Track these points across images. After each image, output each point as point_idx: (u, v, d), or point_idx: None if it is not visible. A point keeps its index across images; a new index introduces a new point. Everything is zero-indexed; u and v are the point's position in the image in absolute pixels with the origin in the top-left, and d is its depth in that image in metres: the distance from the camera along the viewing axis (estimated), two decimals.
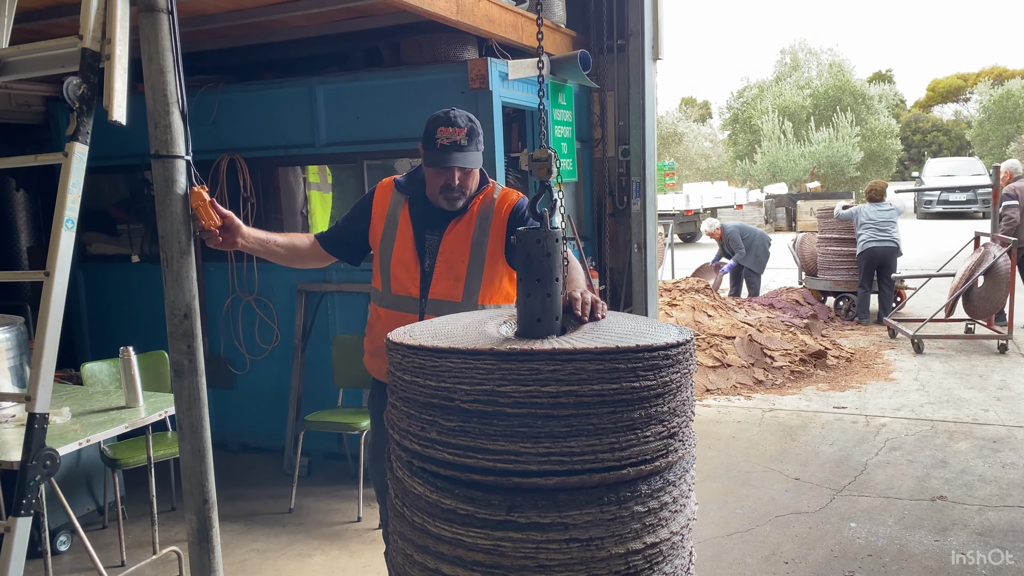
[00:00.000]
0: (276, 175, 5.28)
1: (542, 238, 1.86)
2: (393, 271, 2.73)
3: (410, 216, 2.73)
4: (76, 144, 2.20)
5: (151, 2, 2.23)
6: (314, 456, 5.07)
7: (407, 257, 2.71)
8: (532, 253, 1.86)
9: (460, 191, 2.66)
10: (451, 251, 2.68)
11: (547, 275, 1.86)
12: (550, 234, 1.86)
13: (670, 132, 36.19)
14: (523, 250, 1.87)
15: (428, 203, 2.75)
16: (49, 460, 2.16)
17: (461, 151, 2.60)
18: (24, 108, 5.65)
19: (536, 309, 1.85)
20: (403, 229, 2.73)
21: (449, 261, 2.67)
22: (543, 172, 2.13)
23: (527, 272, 1.87)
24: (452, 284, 2.67)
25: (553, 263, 1.86)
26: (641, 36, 6.05)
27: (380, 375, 2.75)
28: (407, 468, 1.84)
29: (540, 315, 1.85)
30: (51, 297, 2.16)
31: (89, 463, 4.29)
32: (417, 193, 2.77)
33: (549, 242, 1.86)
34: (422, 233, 2.72)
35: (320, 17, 4.66)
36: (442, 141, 2.59)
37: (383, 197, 2.82)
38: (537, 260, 1.86)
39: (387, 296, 2.75)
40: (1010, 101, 34.19)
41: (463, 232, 2.68)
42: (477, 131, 2.66)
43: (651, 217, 6.31)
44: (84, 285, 5.76)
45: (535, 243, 1.86)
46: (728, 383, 6.72)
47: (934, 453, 5.02)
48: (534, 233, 1.86)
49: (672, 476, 1.77)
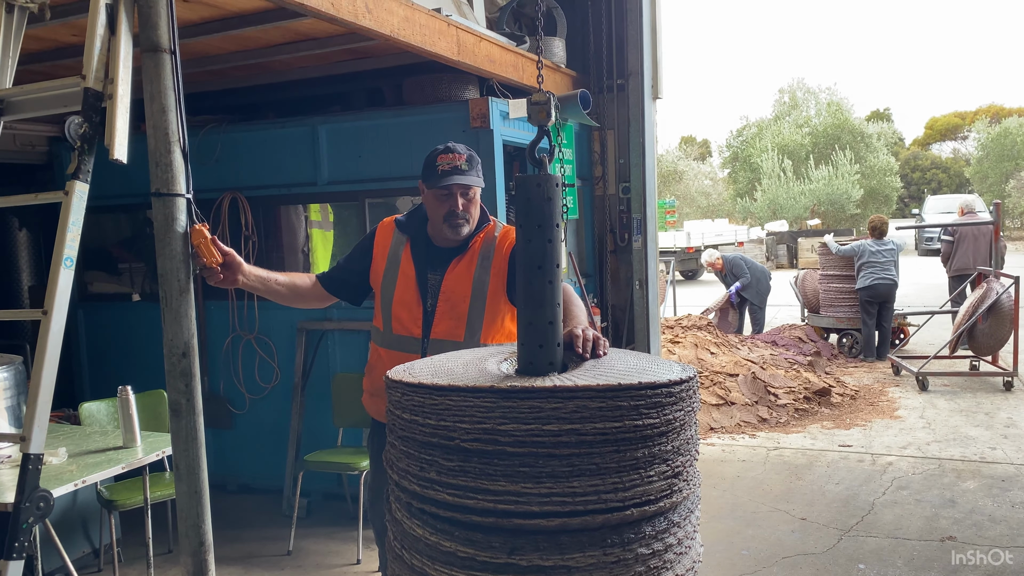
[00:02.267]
0: (278, 213, 5.30)
1: (542, 182, 1.82)
2: (395, 311, 2.71)
3: (412, 256, 2.73)
4: (77, 183, 2.21)
5: (154, 42, 2.25)
6: (313, 497, 5.01)
7: (409, 297, 2.70)
8: (532, 198, 1.82)
9: (464, 217, 2.66)
10: (453, 291, 2.67)
11: (547, 220, 1.82)
12: (550, 178, 1.82)
13: (670, 170, 36.42)
14: (522, 195, 1.83)
15: (430, 243, 2.75)
16: (43, 502, 2.13)
17: (462, 174, 2.62)
18: (28, 148, 5.69)
19: (536, 256, 1.81)
20: (405, 269, 2.72)
21: (451, 301, 2.66)
22: (542, 116, 2.10)
23: (527, 218, 1.82)
24: (454, 324, 2.65)
25: (553, 208, 1.82)
26: (641, 76, 6.11)
27: (380, 416, 2.72)
28: (406, 509, 1.81)
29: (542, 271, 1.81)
30: (48, 336, 2.14)
31: (85, 504, 4.23)
32: (419, 233, 2.77)
33: (549, 186, 1.82)
34: (424, 273, 2.71)
35: (322, 58, 4.71)
36: (443, 167, 2.62)
37: (384, 237, 2.81)
38: (537, 205, 1.82)
39: (388, 336, 2.74)
40: (1008, 139, 34.44)
41: (465, 271, 2.68)
42: (476, 159, 2.69)
43: (652, 254, 6.31)
44: (84, 324, 5.74)
45: (535, 187, 1.82)
46: (732, 421, 6.66)
47: (942, 492, 4.94)
48: (534, 177, 1.83)
49: (677, 517, 1.73)
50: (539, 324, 1.83)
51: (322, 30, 4.09)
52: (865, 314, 9.05)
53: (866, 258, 8.98)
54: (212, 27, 3.92)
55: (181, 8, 3.43)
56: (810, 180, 31.11)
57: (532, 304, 1.84)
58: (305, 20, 3.71)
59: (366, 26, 3.54)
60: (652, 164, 6.31)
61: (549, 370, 1.82)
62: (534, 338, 1.84)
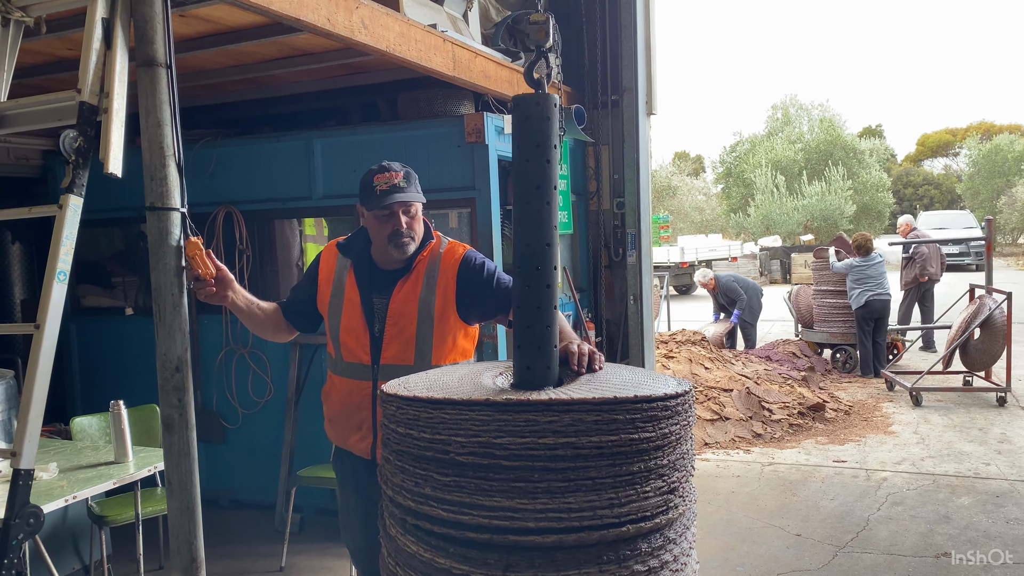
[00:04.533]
0: (272, 228, 5.29)
1: (541, 100, 1.81)
2: (343, 339, 2.63)
3: (356, 281, 2.65)
4: (71, 196, 2.20)
5: (150, 56, 2.25)
6: (306, 512, 4.97)
7: (356, 324, 2.62)
8: (531, 116, 1.81)
9: (409, 235, 2.58)
10: (399, 313, 2.59)
11: (545, 140, 1.81)
12: (548, 98, 1.82)
13: (664, 185, 36.52)
14: (520, 115, 1.82)
15: (374, 266, 2.68)
16: (33, 518, 2.11)
17: (401, 191, 2.56)
18: (23, 162, 5.68)
19: (535, 177, 1.81)
20: (350, 295, 2.65)
21: (399, 324, 2.58)
22: (540, 35, 2.06)
23: (525, 138, 1.82)
24: (403, 347, 2.57)
25: (551, 128, 1.82)
26: (635, 92, 6.14)
27: (340, 442, 2.70)
28: (400, 525, 1.79)
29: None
30: (40, 350, 2.13)
31: (75, 520, 4.19)
32: (362, 256, 2.69)
33: (548, 105, 1.81)
34: (369, 297, 2.63)
35: (318, 73, 4.72)
36: (381, 187, 2.55)
37: (328, 262, 2.74)
38: (536, 124, 1.81)
39: (339, 363, 2.66)
40: (999, 155, 34.69)
41: (410, 293, 2.60)
42: (413, 175, 2.63)
43: (647, 269, 6.32)
44: (76, 338, 5.71)
45: (534, 105, 1.81)
46: (726, 437, 6.65)
47: (937, 508, 4.94)
48: (532, 96, 1.81)
49: (672, 534, 1.73)
50: (536, 245, 1.82)
51: (318, 45, 4.11)
52: (861, 332, 9.04)
53: (856, 276, 8.99)
54: (208, 42, 3.92)
55: (177, 22, 3.44)
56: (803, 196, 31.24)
57: (529, 225, 1.83)
58: (301, 35, 3.73)
59: (362, 42, 3.55)
60: (646, 179, 6.33)
61: (545, 254, 1.82)
62: (531, 261, 1.83)
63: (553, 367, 1.85)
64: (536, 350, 1.83)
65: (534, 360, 1.83)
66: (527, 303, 1.83)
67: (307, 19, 3.20)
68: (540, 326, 1.83)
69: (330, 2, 3.32)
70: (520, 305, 1.85)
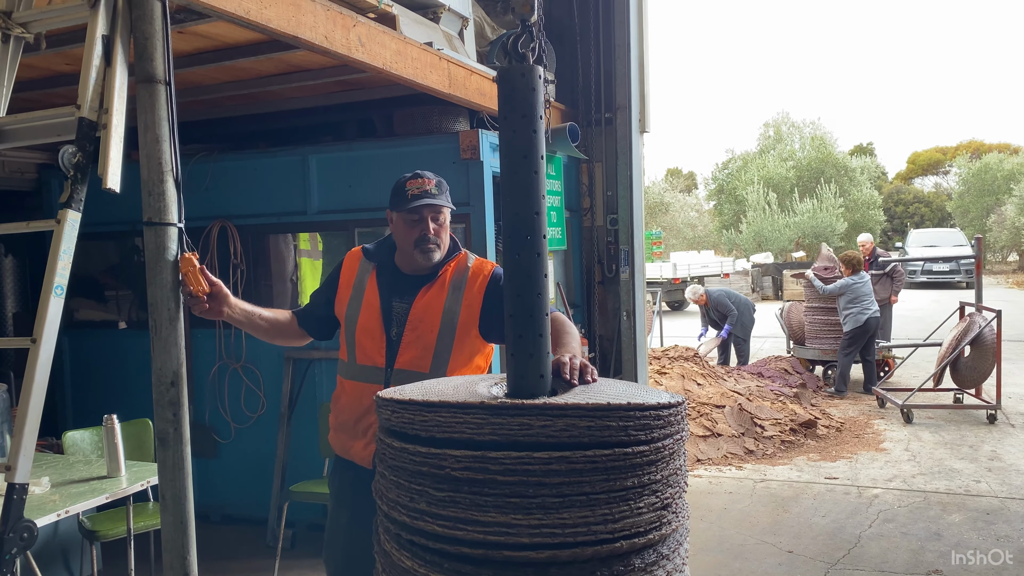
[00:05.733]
0: (267, 242, 5.30)
1: (526, 72, 1.85)
2: (358, 339, 2.63)
3: (377, 284, 2.66)
4: (69, 211, 2.22)
5: (150, 73, 2.28)
6: (298, 528, 4.96)
7: (373, 325, 2.61)
8: (517, 87, 1.85)
9: (435, 242, 2.59)
10: (420, 319, 2.58)
11: (532, 111, 1.85)
12: (534, 69, 1.86)
13: (657, 202, 36.68)
14: (506, 87, 1.86)
15: (397, 271, 2.68)
16: (27, 532, 2.10)
17: (432, 197, 2.58)
18: (17, 175, 5.68)
19: (522, 147, 1.84)
20: (369, 297, 2.65)
21: (418, 330, 2.57)
22: (525, 9, 2.07)
23: (511, 108, 1.85)
24: (420, 353, 2.56)
25: (537, 99, 1.86)
26: (628, 110, 6.20)
27: (345, 452, 2.65)
28: (395, 541, 1.80)
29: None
30: (37, 364, 2.14)
31: (66, 535, 4.17)
32: (386, 261, 2.70)
33: (533, 77, 1.85)
34: (389, 301, 2.63)
35: (314, 89, 4.75)
36: (412, 191, 2.57)
37: (350, 267, 2.75)
38: (522, 95, 1.85)
39: (352, 367, 2.65)
40: (988, 174, 34.97)
41: (434, 300, 2.59)
42: (445, 185, 2.65)
43: (639, 285, 6.35)
44: (69, 352, 5.70)
45: (519, 76, 1.85)
46: (719, 453, 6.66)
47: (928, 525, 4.96)
48: (518, 67, 1.85)
49: (666, 549, 1.74)
50: (525, 214, 1.86)
51: (314, 62, 4.14)
52: (852, 349, 8.99)
53: (853, 295, 8.93)
54: (205, 58, 3.95)
55: (175, 39, 3.46)
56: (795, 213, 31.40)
57: (518, 194, 1.86)
58: (298, 52, 3.76)
59: (360, 59, 3.59)
60: (639, 196, 6.37)
61: (534, 223, 1.83)
62: (520, 230, 1.86)
63: (547, 375, 1.85)
64: (528, 358, 1.84)
65: (526, 368, 1.84)
66: (520, 305, 1.84)
67: (305, 37, 3.23)
68: (532, 334, 1.84)
69: (328, 20, 3.36)
70: (513, 313, 1.85)
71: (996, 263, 34.74)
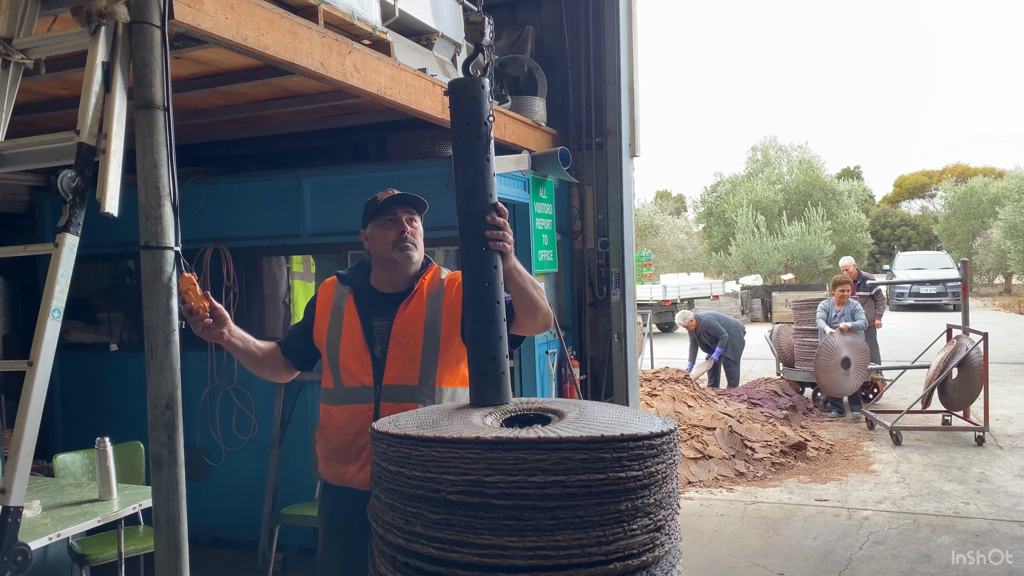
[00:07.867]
0: (260, 264, 5.32)
1: (468, 83, 2.09)
2: (343, 363, 2.62)
3: (356, 306, 2.67)
4: (67, 235, 2.24)
5: (148, 99, 2.31)
6: (289, 551, 4.93)
7: (357, 346, 2.61)
8: (461, 98, 2.08)
9: (413, 241, 2.64)
10: (403, 334, 2.59)
11: (475, 118, 2.09)
12: (475, 80, 2.10)
13: (646, 224, 36.85)
14: (453, 97, 2.09)
15: (374, 291, 2.71)
16: (20, 556, 2.10)
17: (404, 198, 2.67)
18: (10, 197, 5.69)
19: (467, 150, 2.08)
20: (349, 320, 2.65)
21: (402, 345, 2.58)
22: (476, 35, 2.40)
23: (458, 116, 2.10)
24: (407, 367, 2.57)
25: (479, 107, 2.10)
26: (618, 134, 6.27)
27: (336, 479, 2.62)
28: (390, 564, 1.82)
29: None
30: (33, 387, 2.15)
31: (55, 559, 4.13)
32: (362, 283, 2.73)
33: (475, 87, 2.09)
34: (370, 321, 2.64)
35: (309, 113, 4.79)
36: (382, 197, 2.67)
37: (326, 295, 2.77)
38: (466, 104, 2.08)
39: (339, 392, 2.63)
40: (973, 198, 35.31)
41: (415, 313, 2.62)
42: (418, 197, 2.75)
43: (630, 307, 6.39)
44: (60, 374, 5.67)
45: (462, 88, 2.09)
46: (710, 475, 6.67)
47: (918, 547, 4.98)
48: (460, 80, 2.07)
49: (659, 571, 1.76)
50: (473, 212, 2.16)
51: (309, 87, 4.18)
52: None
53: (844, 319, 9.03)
54: (202, 83, 3.99)
55: (173, 64, 3.50)
56: (783, 236, 31.61)
57: (466, 193, 2.16)
58: (293, 78, 3.80)
59: (355, 85, 3.63)
60: (630, 219, 6.43)
61: (481, 220, 2.16)
62: (471, 225, 2.18)
63: (499, 358, 2.10)
64: (480, 343, 2.14)
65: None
66: (472, 294, 2.16)
67: (301, 63, 3.27)
68: (484, 320, 2.15)
69: (324, 47, 3.40)
70: (467, 302, 2.15)
71: (982, 286, 35.01)
